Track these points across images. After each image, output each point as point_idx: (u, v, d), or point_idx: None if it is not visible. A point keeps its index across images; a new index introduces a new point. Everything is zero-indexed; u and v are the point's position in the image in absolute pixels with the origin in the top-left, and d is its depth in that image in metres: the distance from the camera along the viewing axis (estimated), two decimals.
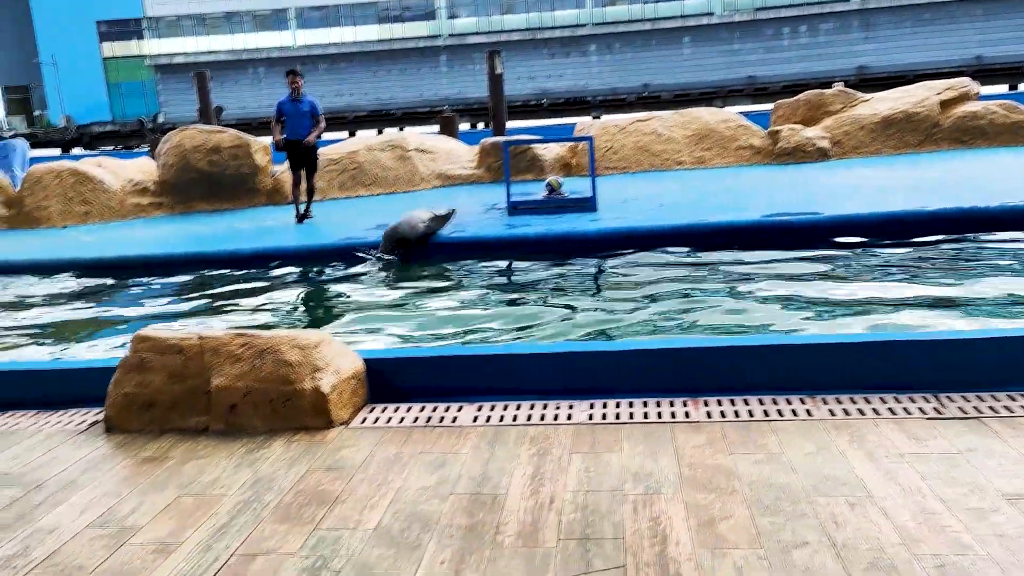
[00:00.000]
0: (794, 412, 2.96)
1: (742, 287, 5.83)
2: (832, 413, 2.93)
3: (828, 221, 7.25)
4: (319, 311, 6.15)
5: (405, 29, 53.37)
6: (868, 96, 14.29)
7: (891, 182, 9.61)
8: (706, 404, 3.10)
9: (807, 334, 4.48)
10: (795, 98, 14.72)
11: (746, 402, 3.09)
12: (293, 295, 6.69)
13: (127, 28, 57.40)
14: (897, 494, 2.29)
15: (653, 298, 5.67)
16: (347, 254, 7.68)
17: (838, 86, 16.13)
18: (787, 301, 5.37)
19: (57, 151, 44.41)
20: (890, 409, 2.92)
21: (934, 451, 2.56)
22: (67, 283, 7.66)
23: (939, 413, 2.86)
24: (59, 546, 2.33)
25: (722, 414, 3.00)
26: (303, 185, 10.33)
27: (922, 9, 48.96)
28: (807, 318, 4.97)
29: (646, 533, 2.18)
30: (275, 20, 53.74)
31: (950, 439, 2.64)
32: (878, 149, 13.33)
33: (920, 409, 2.90)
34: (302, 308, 6.27)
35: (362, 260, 7.49)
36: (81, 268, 8.00)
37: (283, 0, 53.38)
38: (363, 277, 7.06)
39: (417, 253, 7.45)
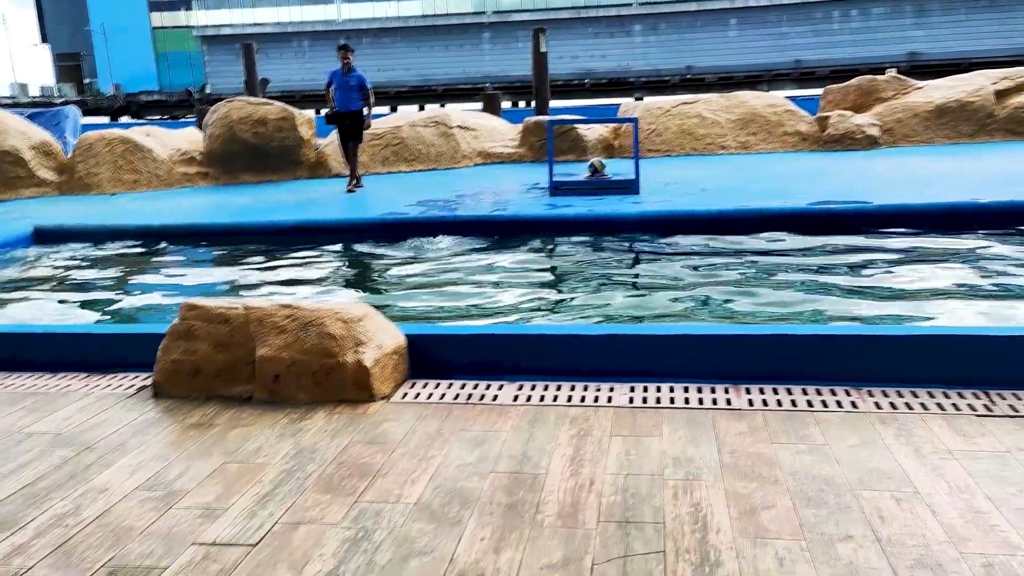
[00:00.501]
0: (839, 403, 2.93)
1: (785, 275, 5.75)
2: (878, 406, 2.88)
3: (876, 211, 7.12)
4: (362, 285, 6.20)
5: (449, 5, 53.21)
6: (921, 83, 13.97)
7: (943, 172, 9.40)
8: (748, 392, 3.08)
9: (853, 325, 4.41)
10: (846, 84, 14.44)
11: (789, 391, 3.06)
12: (337, 268, 6.75)
13: None
14: (944, 491, 2.26)
15: (694, 283, 5.63)
16: (389, 228, 7.73)
17: (891, 72, 15.76)
18: (832, 291, 5.29)
19: (105, 119, 45.19)
20: (938, 404, 2.87)
21: (983, 449, 2.52)
22: (117, 250, 7.80)
23: (989, 410, 2.80)
24: (109, 506, 2.39)
25: (764, 402, 2.98)
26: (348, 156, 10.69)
27: None
28: (853, 309, 4.90)
29: (686, 519, 2.17)
30: None
31: (1000, 437, 2.59)
32: (930, 138, 13.04)
33: (969, 406, 2.85)
34: (346, 281, 6.32)
35: None
36: (131, 235, 8.14)
37: None
38: (406, 252, 7.10)
39: None
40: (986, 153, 11.35)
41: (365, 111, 10.62)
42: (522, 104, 41.16)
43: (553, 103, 20.21)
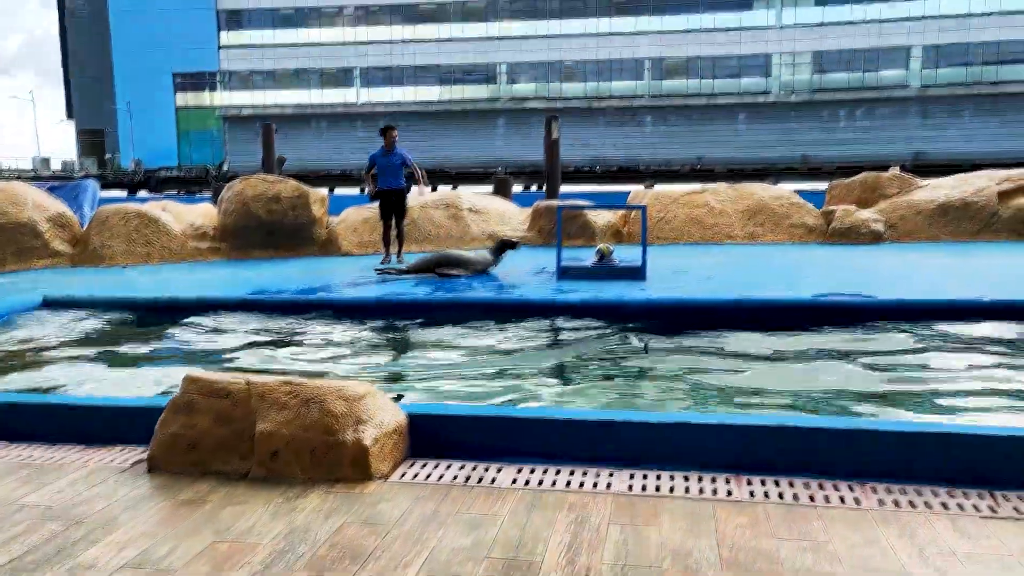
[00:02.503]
0: (841, 499, 2.88)
1: (789, 366, 5.74)
2: (881, 503, 2.84)
3: (881, 305, 7.13)
4: (365, 363, 6.20)
5: (465, 91, 54.71)
6: (925, 182, 14.19)
7: (946, 269, 9.46)
8: (749, 483, 3.04)
9: (856, 419, 4.37)
10: (851, 179, 14.70)
11: (791, 484, 3.02)
12: (343, 345, 6.76)
13: (201, 80, 59.99)
14: None
15: (698, 371, 5.61)
16: (394, 309, 7.77)
17: (894, 169, 16.02)
18: (836, 383, 5.26)
19: (123, 192, 46.08)
20: (942, 504, 2.82)
21: (987, 551, 2.47)
22: (123, 321, 7.85)
23: (993, 512, 2.75)
24: None
25: (766, 494, 2.93)
26: (392, 232, 10.95)
27: (982, 99, 48.71)
28: (856, 402, 4.86)
29: None
30: (341, 77, 55.52)
31: (1004, 540, 2.54)
32: (934, 235, 13.16)
33: (974, 506, 2.80)
34: (350, 358, 6.32)
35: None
36: (137, 307, 8.20)
37: (351, 60, 55.24)
38: (410, 331, 7.12)
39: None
40: (989, 252, 11.42)
41: (418, 177, 11.15)
42: (533, 187, 41.86)
43: (564, 187, 20.54)
